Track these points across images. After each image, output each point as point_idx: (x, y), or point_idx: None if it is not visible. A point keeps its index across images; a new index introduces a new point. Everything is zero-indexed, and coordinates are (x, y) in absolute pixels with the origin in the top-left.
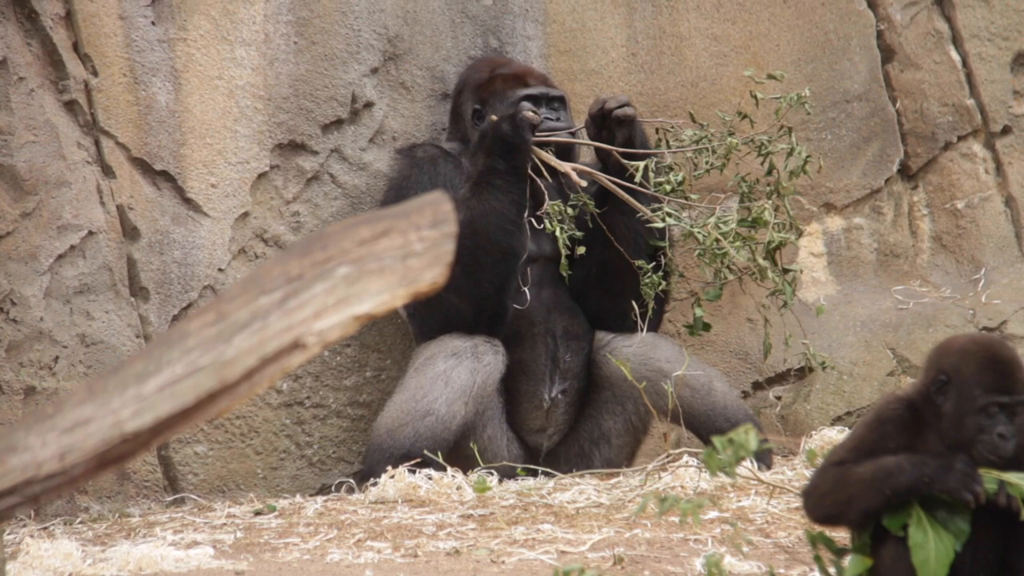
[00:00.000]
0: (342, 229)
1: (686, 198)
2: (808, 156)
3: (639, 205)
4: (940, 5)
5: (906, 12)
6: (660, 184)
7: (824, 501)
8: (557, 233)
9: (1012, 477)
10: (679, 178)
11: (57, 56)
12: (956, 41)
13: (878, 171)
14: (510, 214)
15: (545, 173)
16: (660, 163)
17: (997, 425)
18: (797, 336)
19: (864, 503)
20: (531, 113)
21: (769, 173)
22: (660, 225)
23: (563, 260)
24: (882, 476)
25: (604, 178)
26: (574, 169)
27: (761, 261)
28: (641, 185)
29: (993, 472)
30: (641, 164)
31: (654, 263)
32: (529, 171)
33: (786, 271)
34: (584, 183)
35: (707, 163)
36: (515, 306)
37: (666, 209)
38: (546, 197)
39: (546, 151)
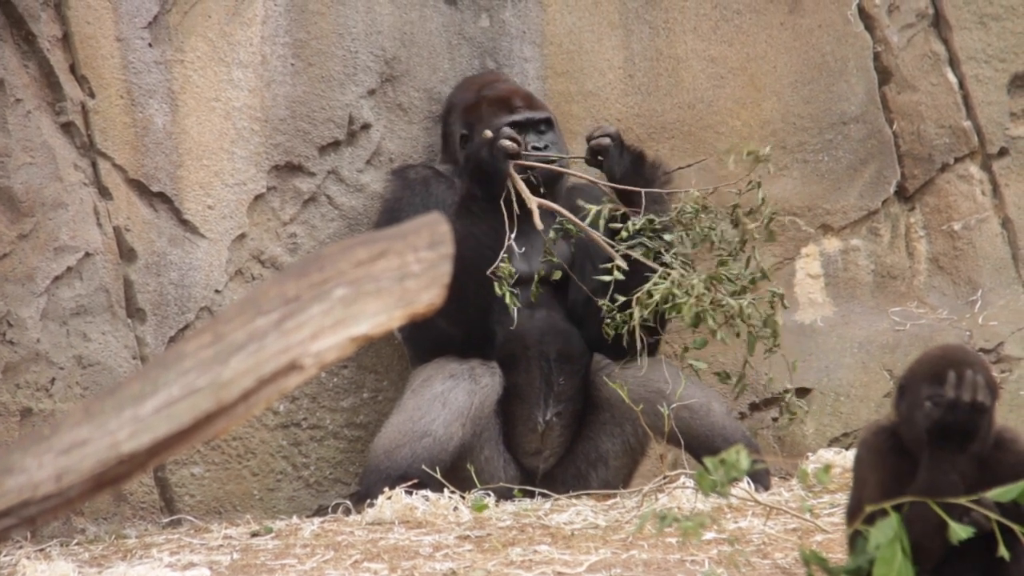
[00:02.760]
0: (339, 250)
1: (664, 239)
2: (774, 213)
3: (607, 247)
4: (937, 27)
5: (903, 34)
6: (617, 231)
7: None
8: (507, 300)
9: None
10: (638, 225)
11: (54, 78)
12: (953, 63)
13: (875, 193)
14: (488, 240)
15: (515, 203)
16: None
17: None
18: (782, 378)
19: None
20: (508, 141)
21: (736, 226)
22: (608, 279)
23: (534, 286)
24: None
25: (569, 217)
26: (540, 206)
27: (710, 323)
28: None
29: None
30: (593, 209)
31: (621, 302)
32: (502, 201)
33: (751, 332)
34: (541, 225)
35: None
36: (513, 329)
37: (617, 262)
38: (536, 223)
39: (530, 174)
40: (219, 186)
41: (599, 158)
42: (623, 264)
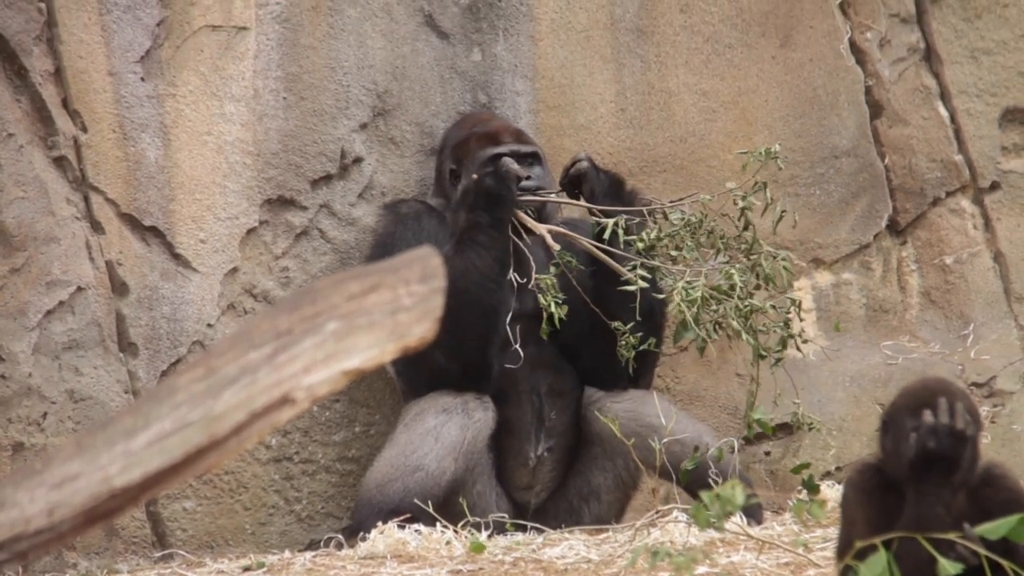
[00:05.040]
0: (331, 284)
1: (672, 254)
2: (783, 211)
3: (617, 266)
4: (928, 61)
5: (894, 68)
6: (631, 243)
7: None
8: (553, 308)
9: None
10: (652, 235)
11: (46, 112)
12: (944, 97)
13: (867, 226)
14: (492, 272)
15: (523, 235)
16: (631, 221)
17: None
18: (788, 395)
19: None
20: (515, 166)
21: (745, 228)
22: (632, 288)
23: (544, 325)
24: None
25: (580, 239)
26: (549, 231)
27: (734, 324)
28: (611, 243)
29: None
30: (610, 222)
31: (633, 323)
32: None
33: (759, 337)
34: (558, 247)
35: (690, 244)
36: (508, 366)
37: (639, 272)
38: (530, 258)
39: (525, 211)
40: (211, 220)
41: (576, 190)
42: (641, 282)
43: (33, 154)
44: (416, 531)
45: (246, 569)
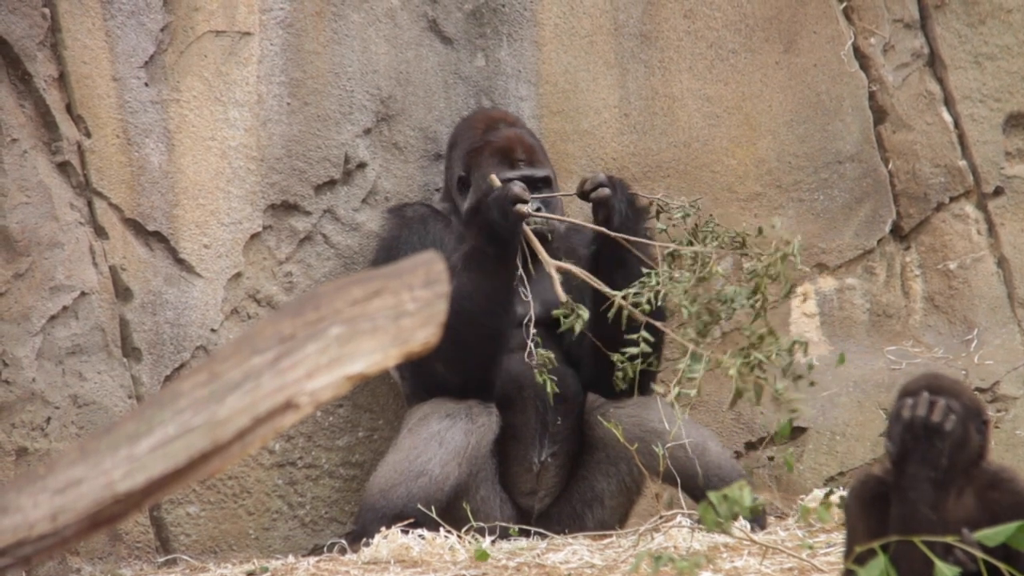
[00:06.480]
0: (335, 289)
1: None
2: (792, 286)
3: (629, 309)
4: (932, 67)
5: (898, 73)
6: (638, 305)
7: None
8: (548, 389)
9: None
10: (660, 296)
11: (50, 117)
12: (948, 102)
13: (870, 232)
14: (498, 296)
15: (530, 263)
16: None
17: None
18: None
19: None
20: (522, 206)
21: (755, 293)
22: (640, 350)
23: (549, 393)
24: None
25: (590, 279)
26: (558, 269)
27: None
28: (614, 322)
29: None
30: (618, 297)
31: (638, 351)
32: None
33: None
34: (564, 297)
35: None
36: (529, 367)
37: (643, 333)
38: (532, 275)
39: (536, 226)
40: (215, 225)
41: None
42: (650, 337)
43: (37, 159)
44: (420, 536)
45: (249, 574)
